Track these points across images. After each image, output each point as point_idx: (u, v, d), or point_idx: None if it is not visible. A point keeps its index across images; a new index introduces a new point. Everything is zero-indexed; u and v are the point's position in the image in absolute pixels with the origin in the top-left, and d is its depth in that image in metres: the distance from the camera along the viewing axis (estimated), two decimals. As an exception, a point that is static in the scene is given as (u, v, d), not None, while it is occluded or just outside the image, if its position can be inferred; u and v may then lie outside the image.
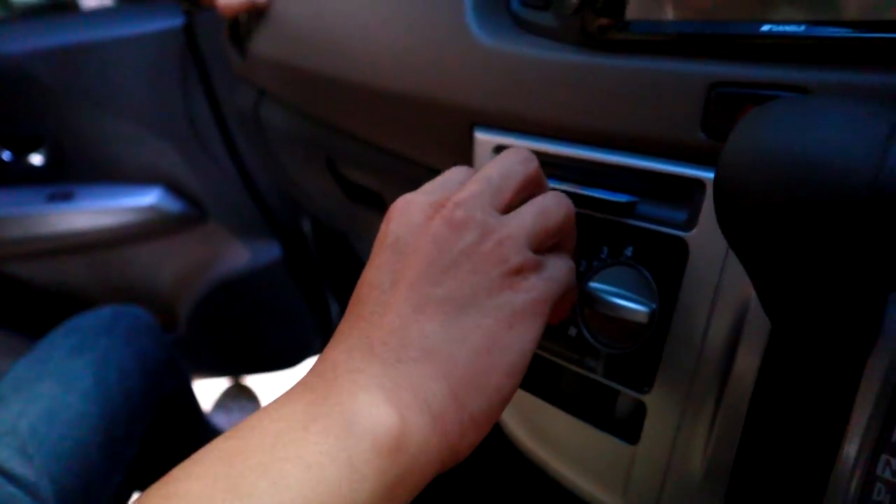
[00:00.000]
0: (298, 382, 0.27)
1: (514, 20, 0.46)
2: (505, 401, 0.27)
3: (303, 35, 0.64)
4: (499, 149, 0.45)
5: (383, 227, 0.31)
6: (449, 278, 0.28)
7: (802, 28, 0.31)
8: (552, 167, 0.42)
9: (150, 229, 1.00)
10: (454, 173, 0.35)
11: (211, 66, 0.92)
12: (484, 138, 0.46)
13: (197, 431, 0.88)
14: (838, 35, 0.30)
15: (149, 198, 0.97)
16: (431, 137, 0.52)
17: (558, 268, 0.31)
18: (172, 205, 0.99)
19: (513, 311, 0.28)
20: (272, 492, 0.21)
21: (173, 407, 0.76)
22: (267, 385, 1.34)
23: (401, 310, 0.27)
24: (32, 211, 0.97)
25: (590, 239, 0.39)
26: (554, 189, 0.35)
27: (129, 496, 0.64)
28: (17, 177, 1.00)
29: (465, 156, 0.49)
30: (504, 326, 0.27)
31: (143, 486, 0.86)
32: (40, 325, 1.12)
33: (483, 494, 0.85)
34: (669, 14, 0.36)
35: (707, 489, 0.34)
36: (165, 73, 0.91)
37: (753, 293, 0.32)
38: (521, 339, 0.27)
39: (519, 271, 0.29)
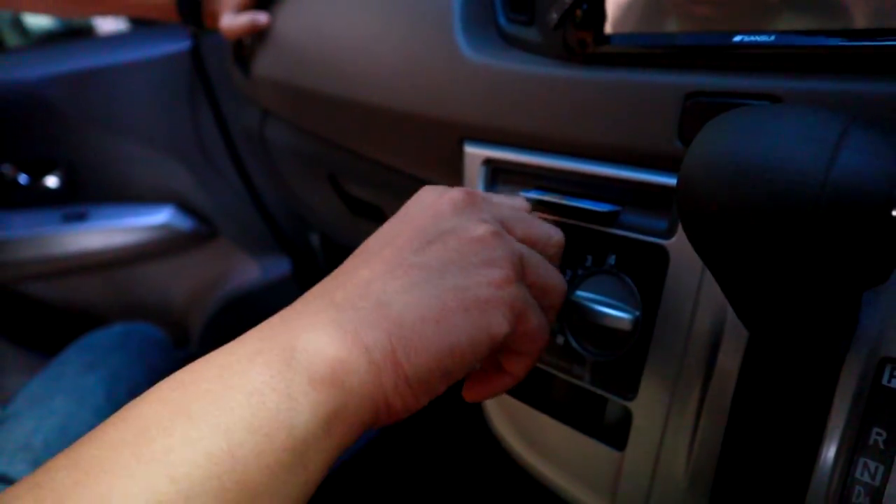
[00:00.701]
0: (262, 323, 0.28)
1: (501, 36, 0.47)
2: (444, 378, 0.27)
3: (300, 55, 0.65)
4: (487, 162, 0.46)
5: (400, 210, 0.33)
6: (431, 248, 0.29)
7: (773, 38, 0.32)
8: (537, 178, 0.43)
9: (162, 247, 1.02)
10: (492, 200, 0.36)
11: (217, 87, 0.94)
12: (473, 152, 0.47)
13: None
14: (806, 44, 0.30)
15: (160, 216, 1.00)
16: (424, 152, 0.53)
17: (539, 315, 0.31)
18: (183, 223, 1.01)
19: (476, 298, 0.28)
20: (217, 414, 0.23)
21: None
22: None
23: (375, 267, 0.28)
24: (47, 231, 1.00)
25: (574, 248, 0.40)
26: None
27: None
28: (33, 199, 1.03)
29: (455, 169, 0.49)
30: (459, 306, 0.27)
31: None
32: (55, 343, 1.15)
33: (475, 499, 0.85)
34: (647, 27, 0.37)
35: (692, 493, 0.34)
36: (174, 95, 0.93)
37: (732, 300, 0.33)
38: (472, 327, 0.27)
39: (497, 264, 0.29)
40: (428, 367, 0.26)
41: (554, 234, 0.34)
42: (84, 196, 1.02)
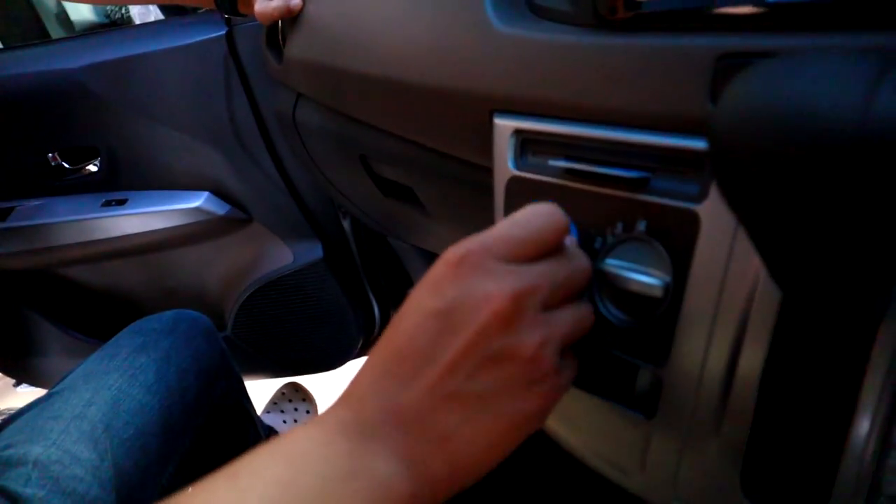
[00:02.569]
0: (338, 417, 0.31)
1: (529, 7, 0.47)
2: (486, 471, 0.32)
3: (331, 35, 0.66)
4: (517, 132, 0.45)
5: (440, 279, 0.32)
6: (484, 374, 0.30)
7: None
8: (567, 147, 0.43)
9: (198, 232, 1.04)
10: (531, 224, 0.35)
11: (251, 72, 0.96)
12: (502, 123, 0.47)
13: (248, 432, 0.92)
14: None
15: (196, 202, 1.02)
16: (454, 127, 0.53)
17: (568, 375, 0.34)
18: (218, 208, 1.02)
19: (526, 417, 0.31)
20: None
21: (225, 407, 0.79)
22: (321, 384, 1.37)
23: (434, 390, 0.30)
24: (89, 217, 1.03)
25: (605, 215, 0.40)
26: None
27: (178, 486, 0.67)
28: (76, 186, 1.06)
29: (485, 143, 0.49)
30: (514, 429, 0.31)
31: (191, 480, 0.90)
32: (95, 326, 1.18)
33: (502, 469, 0.85)
34: (678, -10, 0.36)
35: (723, 461, 0.34)
36: (210, 81, 0.95)
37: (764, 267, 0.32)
38: (521, 437, 0.32)
39: (544, 378, 0.31)
40: (477, 478, 0.31)
41: (582, 273, 0.36)
42: (124, 182, 1.04)
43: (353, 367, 1.20)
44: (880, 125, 0.20)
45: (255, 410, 0.99)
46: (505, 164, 0.46)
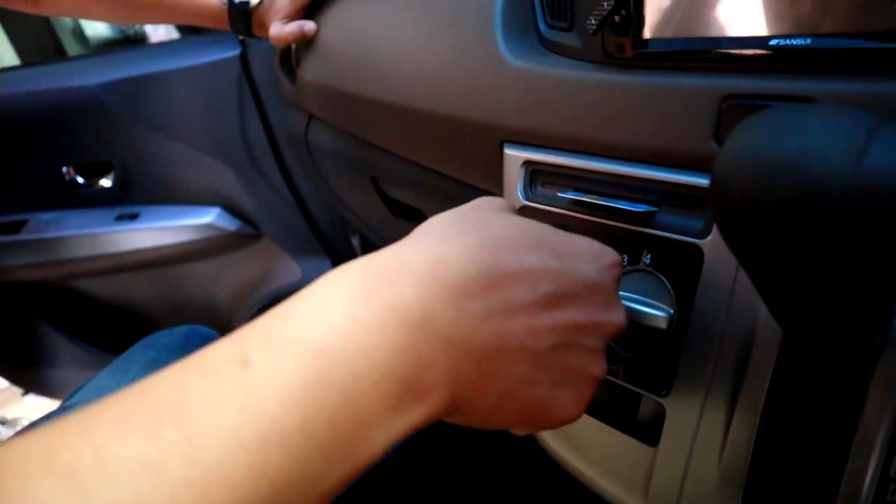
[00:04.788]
0: (400, 295, 0.26)
1: (540, 42, 0.49)
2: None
3: (346, 61, 0.68)
4: (526, 164, 0.47)
5: (550, 236, 0.32)
6: (565, 354, 0.30)
7: (809, 41, 0.32)
8: (575, 180, 0.44)
9: (208, 247, 1.06)
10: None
11: (264, 92, 0.98)
12: (513, 154, 0.48)
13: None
14: (842, 46, 0.31)
15: (207, 217, 1.03)
16: (465, 155, 0.54)
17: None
18: (229, 223, 1.04)
19: (557, 411, 0.31)
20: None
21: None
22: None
23: (521, 337, 0.29)
24: (101, 230, 1.04)
25: (611, 246, 0.41)
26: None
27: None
28: (89, 200, 1.08)
29: (495, 170, 0.51)
30: (541, 413, 0.31)
31: None
32: (105, 337, 1.19)
33: (509, 494, 0.86)
34: (684, 32, 0.38)
35: (724, 490, 0.35)
36: (223, 100, 0.97)
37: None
38: (538, 426, 0.32)
39: (593, 382, 0.32)
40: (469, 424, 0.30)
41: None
42: (136, 197, 1.06)
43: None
44: (869, 182, 0.21)
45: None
46: (515, 194, 0.47)
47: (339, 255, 1.10)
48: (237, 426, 0.20)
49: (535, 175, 0.47)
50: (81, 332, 1.17)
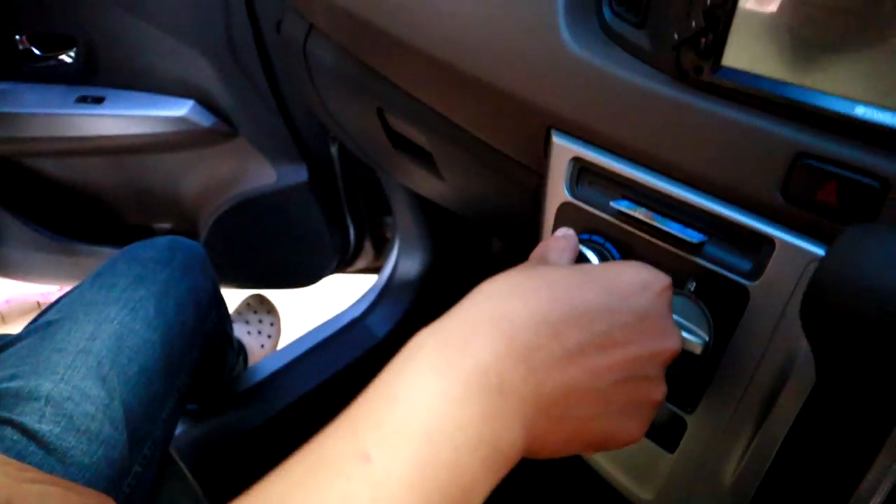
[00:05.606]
0: (479, 368, 0.29)
1: (601, 27, 0.47)
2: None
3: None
4: (576, 160, 0.47)
5: (639, 282, 0.34)
6: (628, 387, 0.33)
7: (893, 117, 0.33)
8: (626, 189, 0.45)
9: (179, 141, 1.00)
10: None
11: (255, -19, 0.90)
12: (561, 144, 0.47)
13: (226, 353, 0.94)
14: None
15: (181, 110, 0.97)
16: (504, 126, 0.53)
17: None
18: (203, 118, 0.98)
19: (620, 438, 0.34)
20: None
21: (214, 339, 0.81)
22: (285, 299, 1.38)
23: (585, 381, 0.31)
24: (62, 111, 0.96)
25: (656, 265, 0.42)
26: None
27: (177, 422, 0.69)
28: (47, 76, 0.98)
29: (534, 148, 0.50)
30: (605, 442, 0.33)
31: (185, 413, 0.93)
32: (61, 221, 1.14)
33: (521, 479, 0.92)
34: (765, 69, 0.38)
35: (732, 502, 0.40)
36: (208, -14, 0.88)
37: (804, 347, 0.36)
38: (601, 449, 0.34)
39: (653, 409, 0.34)
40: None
41: None
42: (101, 79, 0.98)
43: (322, 284, 1.23)
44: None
45: (233, 331, 1.01)
46: (560, 187, 0.48)
47: (316, 161, 1.07)
48: None
49: (583, 173, 0.47)
50: (34, 214, 1.11)
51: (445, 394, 0.27)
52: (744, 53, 0.38)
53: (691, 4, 0.39)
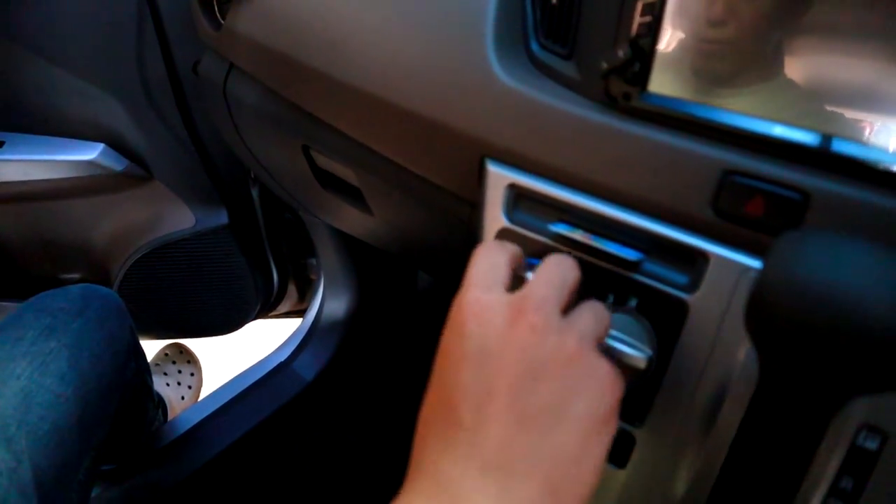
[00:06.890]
0: (418, 486, 0.31)
1: (530, 59, 0.49)
2: (592, 493, 0.32)
3: (296, 24, 0.63)
4: (512, 187, 0.47)
5: (457, 326, 0.34)
6: (542, 384, 0.31)
7: (811, 139, 0.36)
8: (563, 212, 0.46)
9: (89, 186, 0.95)
10: (495, 258, 0.37)
11: (168, 20, 0.88)
12: (496, 172, 0.48)
13: (146, 407, 0.88)
14: (843, 153, 0.35)
15: (90, 154, 0.92)
16: (437, 158, 0.54)
17: (614, 368, 0.35)
18: (115, 162, 0.94)
19: (601, 414, 0.32)
20: None
21: (134, 389, 0.76)
22: (205, 347, 1.32)
23: (504, 420, 0.31)
24: (-46, 156, 0.90)
25: (598, 285, 0.43)
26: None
27: (94, 479, 0.64)
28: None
29: (471, 181, 0.51)
30: (595, 431, 0.32)
31: (104, 471, 0.86)
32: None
33: None
34: (689, 93, 0.40)
35: (685, 514, 0.40)
36: (120, 27, 0.85)
37: (743, 356, 0.38)
38: (606, 439, 0.32)
39: (596, 371, 0.33)
40: (582, 497, 0.31)
41: (572, 270, 0.37)
42: (1, 122, 0.92)
43: (245, 330, 1.18)
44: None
45: (153, 383, 0.95)
46: (497, 214, 0.48)
47: (236, 203, 1.04)
48: None
49: (519, 199, 0.48)
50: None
51: None
52: (667, 80, 0.40)
53: (618, 35, 0.41)
